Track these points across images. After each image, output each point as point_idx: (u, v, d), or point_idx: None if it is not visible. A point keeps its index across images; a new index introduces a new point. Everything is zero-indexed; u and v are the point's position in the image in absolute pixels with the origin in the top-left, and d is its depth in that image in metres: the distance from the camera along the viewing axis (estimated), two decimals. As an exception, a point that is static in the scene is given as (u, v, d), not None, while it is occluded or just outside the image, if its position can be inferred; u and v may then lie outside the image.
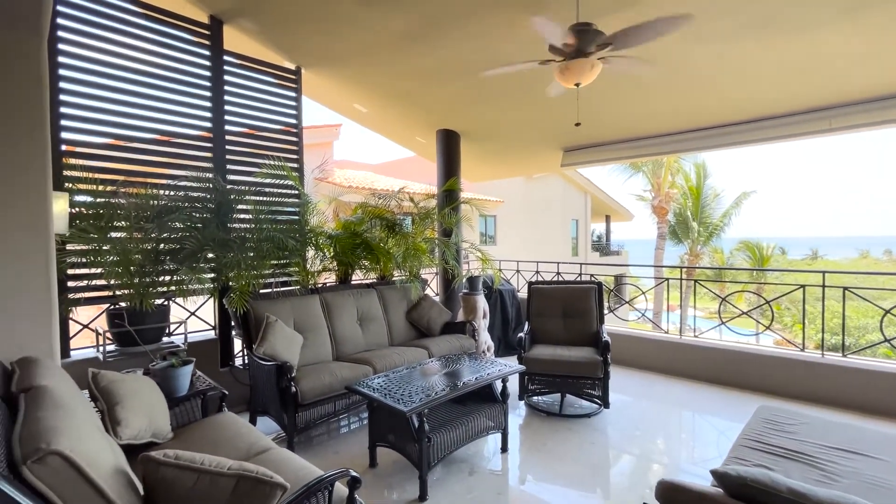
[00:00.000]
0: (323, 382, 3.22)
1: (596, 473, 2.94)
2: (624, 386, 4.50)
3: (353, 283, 4.67)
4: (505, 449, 3.19)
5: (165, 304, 3.40)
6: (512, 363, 3.52)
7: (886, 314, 4.08)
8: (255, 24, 3.93)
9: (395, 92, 5.05)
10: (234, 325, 3.77)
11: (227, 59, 3.94)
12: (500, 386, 3.17)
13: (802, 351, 4.29)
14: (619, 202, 20.21)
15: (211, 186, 3.65)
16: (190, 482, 1.26)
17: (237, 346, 3.96)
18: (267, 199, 4.17)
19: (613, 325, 5.68)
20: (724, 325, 5.07)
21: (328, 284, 4.57)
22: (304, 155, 4.57)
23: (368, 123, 6.37)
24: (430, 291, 5.74)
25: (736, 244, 17.43)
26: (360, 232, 4.53)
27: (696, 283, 5.73)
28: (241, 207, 3.81)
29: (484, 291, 5.35)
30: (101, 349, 3.12)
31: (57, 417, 1.28)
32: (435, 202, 5.62)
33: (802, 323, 4.76)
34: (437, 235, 5.53)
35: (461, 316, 5.21)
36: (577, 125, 3.66)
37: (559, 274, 6.03)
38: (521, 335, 4.03)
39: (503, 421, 3.14)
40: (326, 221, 4.71)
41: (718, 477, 1.32)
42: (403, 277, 4.79)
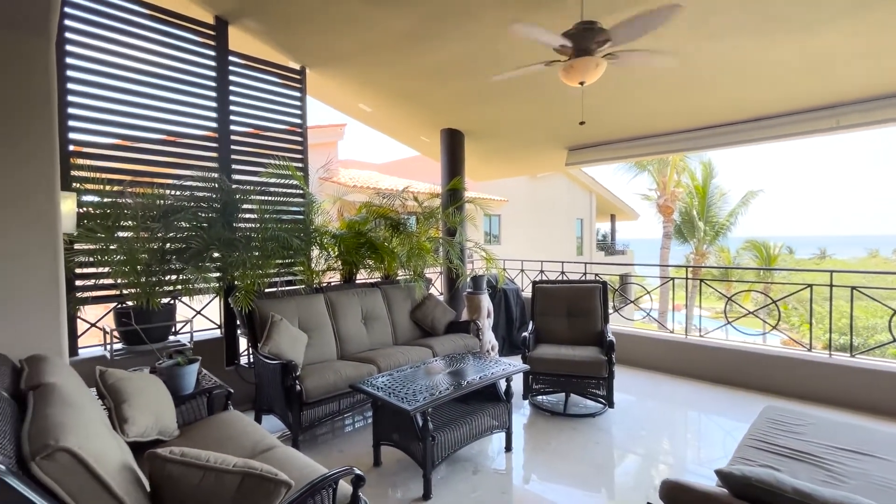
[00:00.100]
0: (327, 381, 3.24)
1: (600, 473, 2.93)
2: (629, 386, 4.48)
3: (357, 282, 4.68)
4: (509, 448, 3.19)
5: (171, 303, 3.43)
6: (516, 362, 3.51)
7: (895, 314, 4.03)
8: (259, 24, 3.95)
9: (399, 91, 5.06)
10: (239, 323, 3.79)
11: (232, 59, 3.97)
12: (504, 385, 3.17)
13: (810, 351, 4.25)
14: (624, 201, 20.08)
15: (216, 186, 3.68)
16: (196, 479, 1.28)
17: (242, 344, 3.99)
18: (272, 198, 4.19)
19: (618, 324, 5.66)
20: (730, 324, 5.03)
21: (333, 284, 4.59)
22: (308, 155, 4.60)
23: (373, 123, 6.39)
24: (434, 291, 5.76)
25: (742, 243, 17.26)
26: (364, 231, 4.54)
27: (701, 282, 5.69)
28: (246, 207, 3.83)
29: (488, 291, 5.34)
30: (108, 347, 3.15)
31: (65, 415, 1.29)
32: (439, 201, 5.63)
33: (810, 323, 4.72)
34: (441, 235, 5.54)
35: (465, 315, 5.21)
36: (581, 124, 3.65)
37: (564, 273, 6.02)
38: (525, 334, 4.02)
39: (507, 420, 3.14)
40: (331, 221, 4.73)
41: (723, 477, 1.31)
42: (408, 277, 4.79)
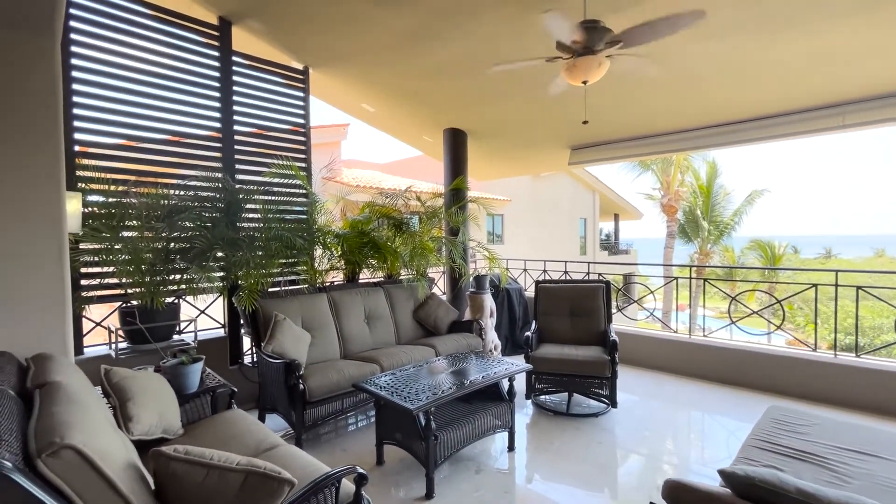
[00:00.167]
0: (330, 380, 3.25)
1: (603, 473, 2.92)
2: (632, 385, 4.47)
3: (360, 281, 4.69)
4: (512, 447, 3.19)
5: (176, 302, 3.45)
6: (519, 362, 3.51)
7: (901, 314, 4.01)
8: (263, 24, 3.97)
9: (402, 91, 5.06)
10: (242, 323, 3.81)
11: (235, 59, 3.99)
12: (506, 385, 3.17)
13: (814, 351, 4.23)
14: (627, 201, 20.02)
15: (220, 186, 3.70)
16: (199, 477, 1.28)
17: (246, 344, 4.01)
18: (275, 198, 4.21)
19: (622, 324, 5.64)
20: (734, 324, 5.01)
21: (336, 283, 4.60)
22: (311, 154, 4.61)
23: (376, 123, 6.40)
24: (437, 290, 5.76)
25: (747, 243, 17.17)
26: (367, 231, 4.55)
27: (705, 282, 5.67)
28: (249, 207, 3.85)
29: (491, 290, 5.34)
30: (113, 346, 3.17)
31: (71, 412, 1.30)
32: (442, 201, 5.63)
33: (815, 323, 4.69)
34: (444, 234, 5.54)
35: (468, 315, 5.21)
36: (584, 123, 3.65)
37: (567, 273, 6.00)
38: (528, 334, 4.02)
39: (510, 420, 3.14)
40: (334, 220, 4.74)
41: (726, 477, 1.30)
42: (410, 276, 4.80)
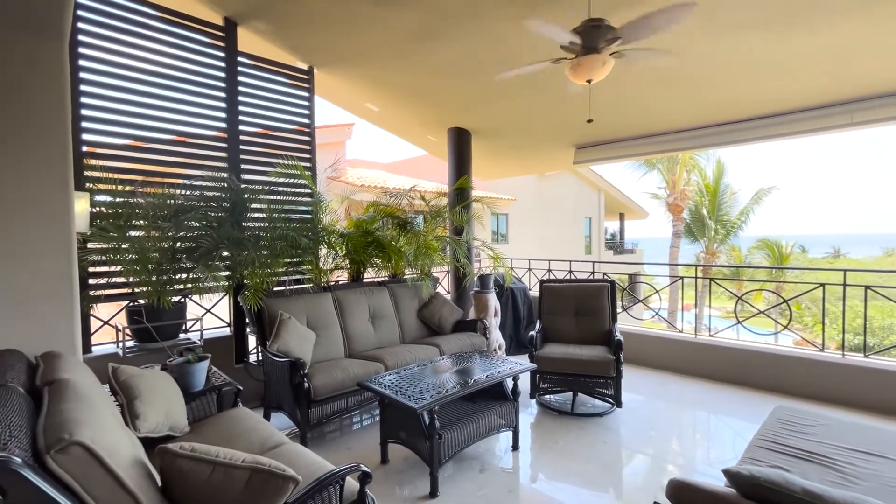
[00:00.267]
0: (335, 379, 3.26)
1: (608, 472, 2.91)
2: (637, 385, 4.45)
3: (364, 281, 4.70)
4: (516, 447, 3.18)
5: (182, 301, 3.47)
6: (523, 361, 3.51)
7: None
8: (268, 24, 3.98)
9: (406, 90, 5.07)
10: (248, 322, 3.83)
11: (241, 59, 4.01)
12: (511, 384, 3.17)
13: (822, 351, 4.19)
14: (633, 200, 19.91)
15: (226, 186, 3.73)
16: (205, 474, 1.29)
17: (251, 342, 4.03)
18: (280, 198, 4.23)
19: (627, 324, 5.62)
20: (740, 324, 4.98)
21: (340, 282, 4.62)
22: (316, 154, 4.63)
23: (380, 122, 6.40)
24: (441, 290, 5.76)
25: (754, 242, 17.02)
26: (371, 230, 4.56)
27: (711, 281, 5.64)
28: (255, 206, 3.87)
29: (495, 290, 5.34)
30: (120, 345, 3.20)
31: (79, 410, 1.32)
32: (446, 200, 5.63)
33: (822, 322, 4.65)
34: (448, 234, 5.54)
35: (472, 314, 5.21)
36: (589, 122, 3.63)
37: (571, 272, 5.99)
38: (532, 333, 4.01)
39: (514, 419, 3.13)
40: (339, 220, 4.75)
41: (731, 476, 1.30)
42: (415, 276, 4.81)
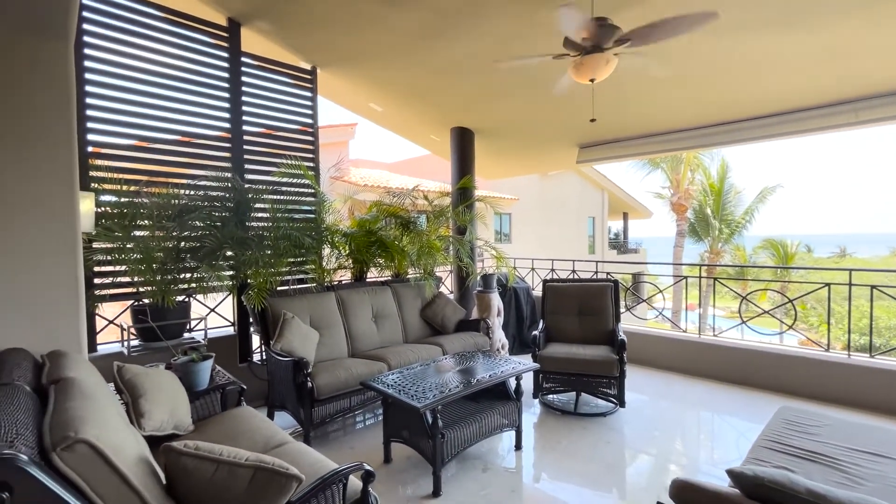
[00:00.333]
0: (338, 378, 3.27)
1: (611, 472, 2.91)
2: (641, 385, 4.44)
3: (368, 280, 4.71)
4: (519, 446, 3.18)
5: (186, 300, 3.49)
6: (526, 361, 3.50)
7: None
8: (271, 25, 4.00)
9: (409, 90, 5.07)
10: (252, 321, 3.85)
11: (244, 60, 4.03)
12: (514, 384, 3.16)
13: (827, 351, 4.16)
14: (637, 199, 19.85)
15: (229, 186, 3.74)
16: (209, 472, 1.30)
17: (255, 342, 4.04)
18: (284, 197, 4.24)
19: (631, 323, 5.60)
20: (744, 324, 4.95)
21: (344, 282, 4.63)
22: (319, 154, 4.63)
23: (383, 122, 6.41)
24: (444, 289, 5.77)
25: (759, 242, 16.93)
26: (374, 230, 4.56)
27: (715, 281, 5.61)
28: (258, 206, 3.89)
29: (498, 289, 5.33)
30: (125, 344, 3.22)
31: (84, 408, 1.33)
32: (449, 200, 5.63)
33: (828, 322, 4.62)
34: (451, 233, 5.54)
35: (475, 314, 5.21)
36: (592, 121, 3.62)
37: (575, 272, 5.98)
38: (535, 333, 4.00)
39: (517, 418, 3.13)
40: (342, 220, 4.77)
41: (735, 477, 1.29)
42: (418, 275, 4.81)
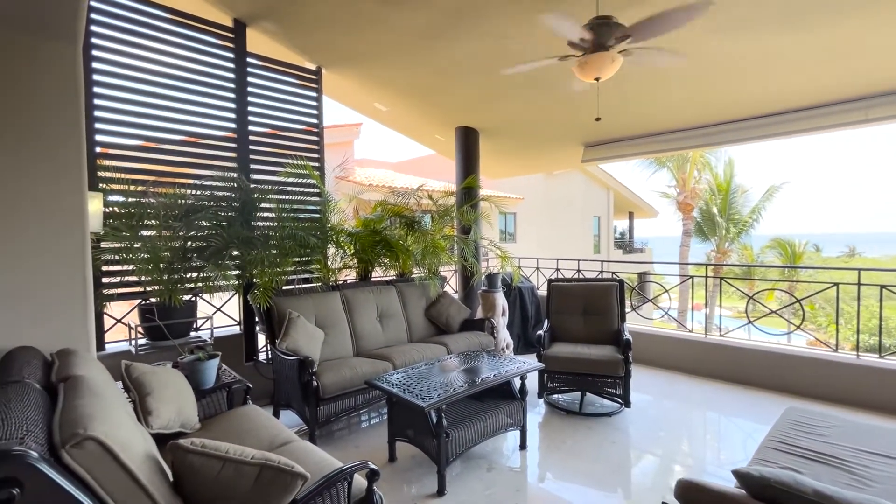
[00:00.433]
0: (343, 377, 3.28)
1: (616, 473, 2.90)
2: (646, 385, 4.42)
3: (372, 280, 4.72)
4: (524, 446, 3.18)
5: (193, 299, 3.52)
6: (531, 361, 3.50)
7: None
8: (276, 25, 4.01)
9: (414, 90, 5.08)
10: (257, 320, 3.87)
11: (250, 60, 4.05)
12: (518, 383, 3.16)
13: (836, 351, 4.12)
14: (642, 198, 19.74)
15: (235, 186, 3.77)
16: (216, 469, 1.31)
17: (261, 341, 4.07)
18: (289, 197, 4.26)
19: (636, 323, 5.58)
20: (751, 324, 4.92)
21: (348, 281, 4.64)
22: (325, 154, 4.65)
23: (388, 122, 6.43)
24: (448, 289, 5.77)
25: (767, 241, 16.79)
26: (379, 230, 4.58)
27: (722, 280, 5.57)
28: (264, 206, 3.91)
29: (503, 289, 5.33)
30: (133, 343, 3.26)
31: (93, 405, 1.34)
32: (454, 200, 5.63)
33: (836, 323, 4.57)
34: (455, 233, 5.54)
35: (480, 313, 5.21)
36: (597, 120, 3.61)
37: (580, 272, 5.96)
38: (540, 332, 4.00)
39: (522, 418, 3.13)
40: (347, 219, 4.78)
41: (741, 477, 1.29)
42: (422, 275, 4.81)
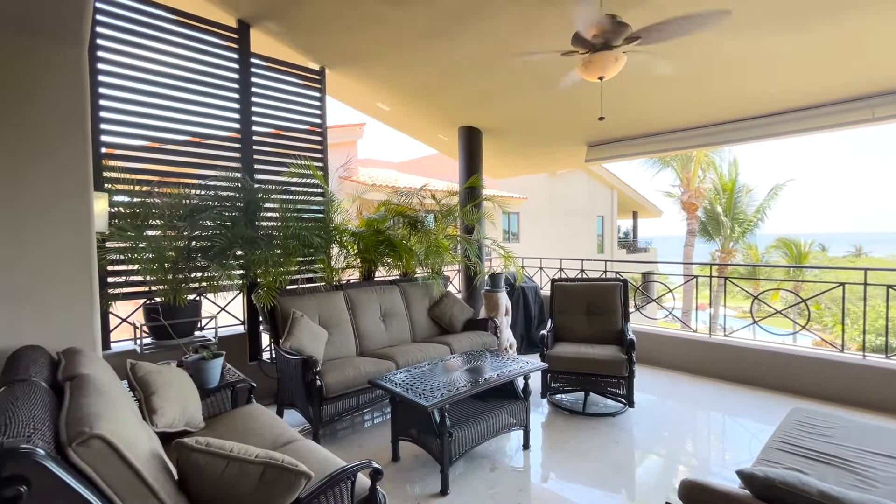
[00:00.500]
0: (347, 376, 3.29)
1: (620, 473, 2.89)
2: (650, 385, 4.41)
3: (376, 279, 4.73)
4: (527, 446, 3.18)
5: (197, 299, 3.54)
6: (534, 360, 3.49)
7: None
8: (280, 26, 4.03)
9: (417, 90, 5.08)
10: (261, 320, 3.89)
11: (254, 61, 4.07)
12: (522, 383, 3.16)
13: (842, 352, 4.09)
14: (646, 198, 19.67)
15: (239, 186, 3.78)
16: (220, 468, 1.32)
17: (265, 340, 4.09)
18: (293, 197, 4.28)
19: (640, 323, 5.56)
20: (756, 324, 4.89)
21: (352, 281, 4.65)
22: (328, 154, 4.67)
23: (391, 122, 6.43)
24: (452, 288, 5.76)
25: (772, 241, 16.68)
26: (382, 229, 4.58)
27: (726, 280, 5.54)
28: (268, 206, 3.92)
29: (506, 288, 5.33)
30: (138, 342, 3.27)
31: (99, 404, 1.35)
32: (457, 199, 5.63)
33: (842, 323, 4.54)
34: (459, 233, 5.54)
35: (483, 313, 5.21)
36: (600, 119, 3.60)
37: (583, 271, 5.94)
38: (543, 332, 3.99)
39: (525, 418, 3.13)
40: (350, 219, 4.79)
41: (745, 478, 1.28)
42: (426, 274, 4.82)
